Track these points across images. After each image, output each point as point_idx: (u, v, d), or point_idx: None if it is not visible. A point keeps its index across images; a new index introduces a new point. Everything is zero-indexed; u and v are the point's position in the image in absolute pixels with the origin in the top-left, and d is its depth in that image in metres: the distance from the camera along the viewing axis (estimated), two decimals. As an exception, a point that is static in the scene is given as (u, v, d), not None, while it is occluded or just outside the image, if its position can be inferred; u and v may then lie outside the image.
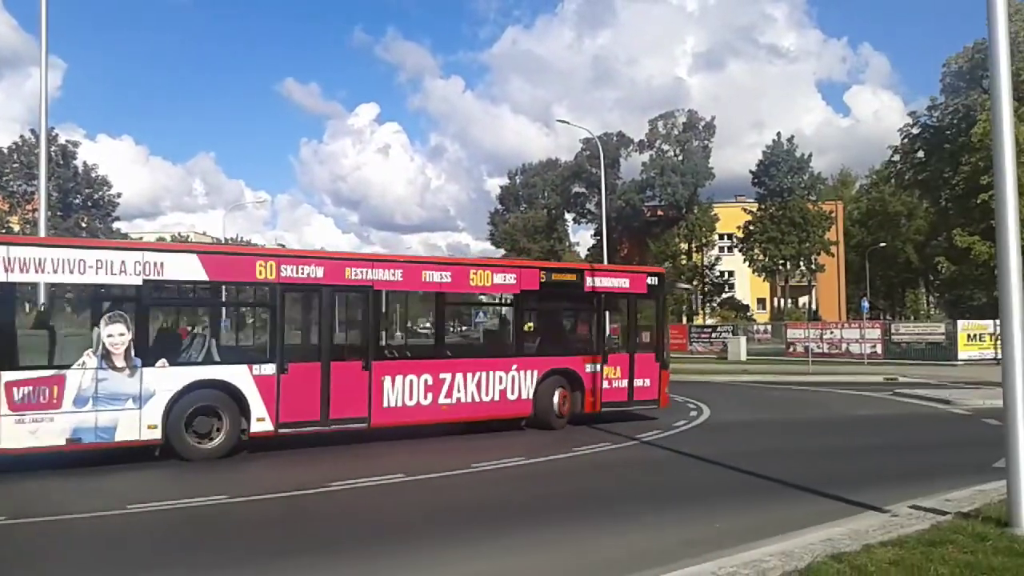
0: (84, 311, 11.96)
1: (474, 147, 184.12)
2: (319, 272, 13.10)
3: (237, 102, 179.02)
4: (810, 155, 64.81)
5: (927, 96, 74.05)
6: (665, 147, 70.81)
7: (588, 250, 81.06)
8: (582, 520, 8.61)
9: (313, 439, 13.08)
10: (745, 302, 72.38)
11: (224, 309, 13.88)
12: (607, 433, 14.96)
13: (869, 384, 27.91)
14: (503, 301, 15.97)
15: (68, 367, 10.99)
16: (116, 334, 11.30)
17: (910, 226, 74.44)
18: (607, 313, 17.02)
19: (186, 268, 12.10)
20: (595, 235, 72.58)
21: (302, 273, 12.95)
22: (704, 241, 71.39)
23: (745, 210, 66.46)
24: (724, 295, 72.68)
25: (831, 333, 42.36)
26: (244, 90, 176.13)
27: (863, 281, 72.08)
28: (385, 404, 13.59)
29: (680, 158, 69.72)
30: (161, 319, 12.43)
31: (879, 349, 39.64)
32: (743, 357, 42.66)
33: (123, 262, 11.46)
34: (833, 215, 67.60)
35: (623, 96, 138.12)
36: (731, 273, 73.72)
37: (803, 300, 73.73)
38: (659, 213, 73.35)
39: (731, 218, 68.51)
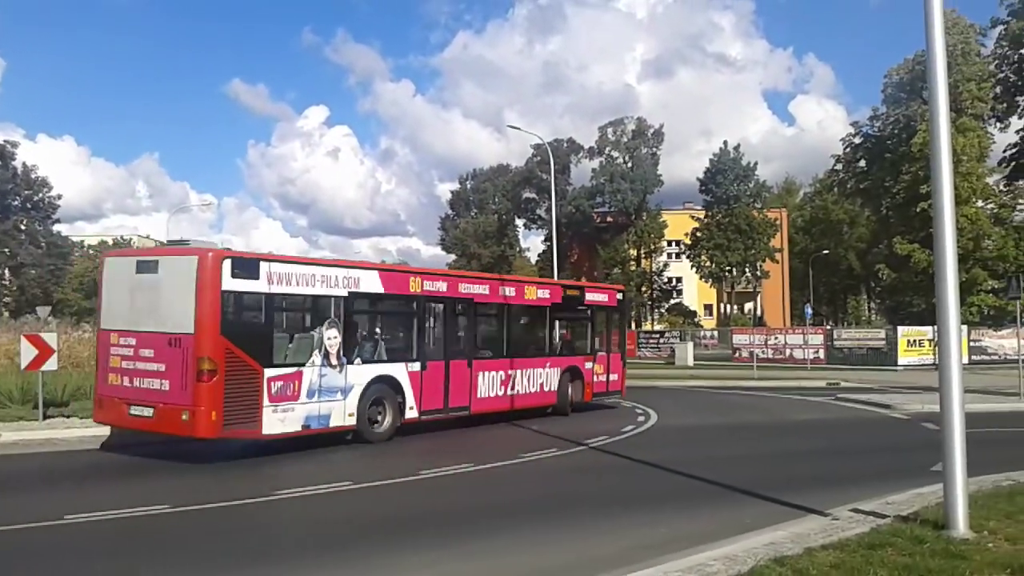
0: (309, 317, 13.73)
1: (425, 151, 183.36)
2: (443, 287, 16.06)
3: (182, 102, 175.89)
4: (756, 164, 65.98)
5: (870, 106, 75.59)
6: (615, 154, 71.32)
7: (538, 256, 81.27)
8: (529, 527, 8.59)
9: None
10: (692, 308, 73.18)
11: (388, 315, 16.04)
12: (555, 439, 14.97)
13: (812, 389, 28.37)
14: (542, 311, 19.07)
15: (303, 365, 13.11)
16: (332, 337, 13.61)
17: (852, 234, 76.07)
18: (595, 321, 20.64)
19: (371, 282, 14.61)
20: (545, 241, 72.83)
21: (435, 287, 15.84)
22: (653, 247, 72.04)
23: (693, 217, 67.29)
24: (672, 301, 73.39)
25: (775, 339, 43.03)
26: (189, 90, 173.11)
27: (807, 287, 73.39)
28: (479, 395, 16.68)
29: (629, 165, 70.29)
30: (356, 324, 14.53)
31: (822, 354, 40.37)
32: (690, 362, 43.10)
33: (337, 277, 13.84)
34: (778, 223, 68.77)
35: (574, 102, 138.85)
36: (679, 279, 74.49)
37: (749, 306, 74.81)
38: (609, 219, 73.83)
39: (679, 225, 69.26)
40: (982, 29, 51.00)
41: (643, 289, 71.57)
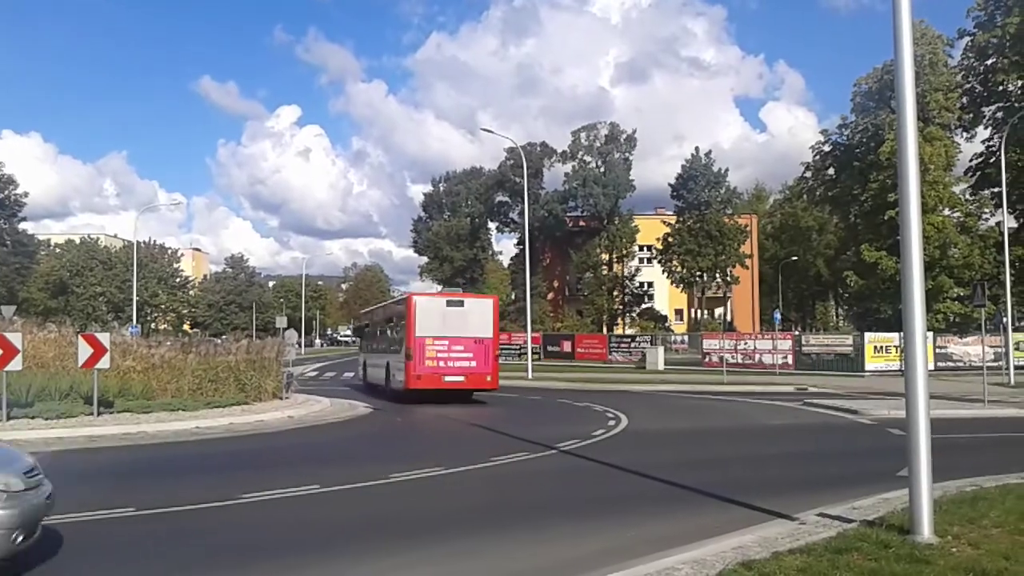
0: None
1: (397, 152, 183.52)
2: None
3: (151, 100, 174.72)
4: (727, 170, 66.45)
5: (839, 114, 76.46)
6: (587, 158, 71.61)
7: (511, 259, 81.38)
8: (498, 530, 8.57)
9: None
10: (664, 313, 73.59)
11: None
12: (525, 442, 14.98)
13: (780, 394, 28.63)
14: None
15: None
16: None
17: (821, 241, 76.91)
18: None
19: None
20: (518, 244, 72.88)
21: None
22: (624, 252, 72.35)
23: (664, 222, 67.67)
24: (643, 306, 73.72)
25: (745, 344, 43.36)
26: (158, 87, 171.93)
27: (776, 293, 74.12)
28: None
29: (602, 170, 70.58)
30: None
31: (790, 360, 40.73)
32: (661, 367, 43.33)
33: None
34: (748, 229, 69.38)
35: (547, 104, 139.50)
36: (650, 284, 74.85)
37: (719, 311, 75.32)
38: (581, 223, 74.08)
39: (651, 230, 69.63)
40: (949, 40, 51.78)
41: (615, 293, 71.84)
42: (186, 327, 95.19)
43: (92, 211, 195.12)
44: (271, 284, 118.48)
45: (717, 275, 66.90)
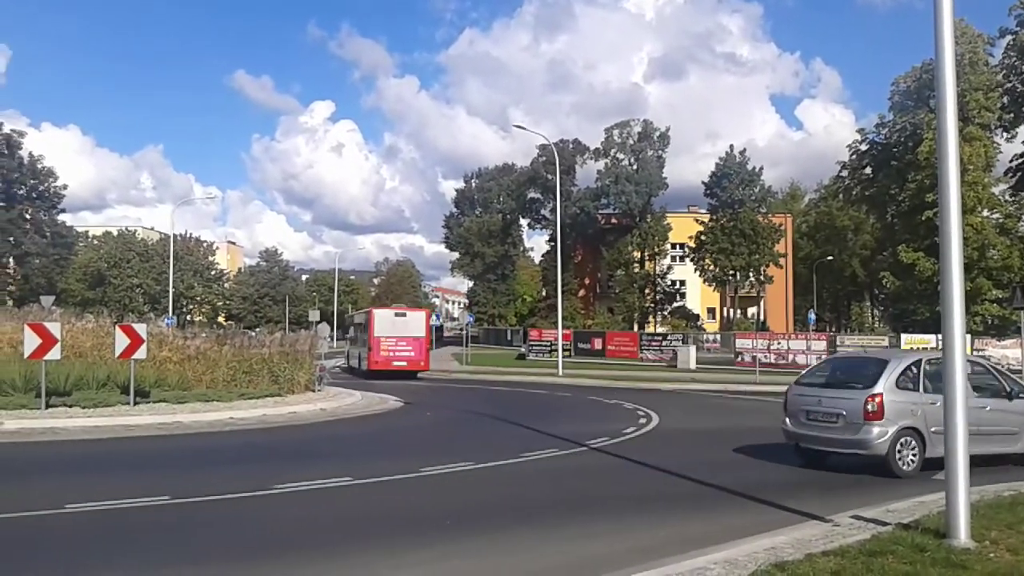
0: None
1: (429, 148, 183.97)
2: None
3: (187, 93, 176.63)
4: (761, 168, 65.72)
5: (877, 112, 75.54)
6: (620, 156, 71.21)
7: (542, 256, 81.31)
8: (528, 527, 8.59)
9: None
10: (696, 311, 73.08)
11: None
12: (555, 438, 14.98)
13: (814, 395, 28.27)
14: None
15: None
16: None
17: (857, 241, 75.92)
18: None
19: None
20: (549, 241, 72.72)
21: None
22: (656, 250, 71.89)
23: (697, 220, 67.14)
24: (675, 304, 73.28)
25: (778, 344, 42.97)
26: (194, 82, 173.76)
27: (810, 293, 73.35)
28: None
29: (635, 167, 70.20)
30: None
31: (824, 360, 40.28)
32: (692, 366, 43.07)
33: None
34: (782, 228, 68.61)
35: (580, 101, 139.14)
36: (682, 282, 74.34)
37: (752, 311, 74.68)
38: (613, 221, 73.76)
39: (684, 228, 69.14)
40: (990, 39, 50.95)
41: (646, 291, 71.49)
42: (221, 319, 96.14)
43: (129, 204, 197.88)
44: (304, 278, 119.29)
45: (750, 274, 66.23)
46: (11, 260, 67.27)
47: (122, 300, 79.80)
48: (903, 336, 39.79)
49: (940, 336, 7.41)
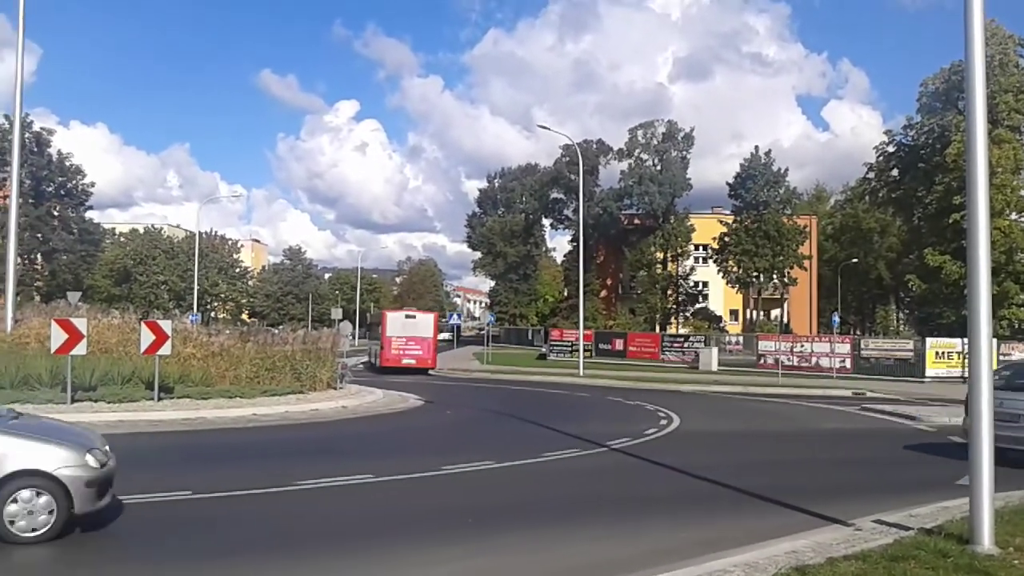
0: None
1: (452, 148, 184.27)
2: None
3: (213, 92, 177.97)
4: (786, 169, 65.30)
5: (905, 114, 74.79)
6: (644, 156, 70.98)
7: (564, 256, 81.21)
8: (548, 526, 8.59)
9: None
10: (718, 313, 72.72)
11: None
12: (576, 439, 14.97)
13: (837, 398, 28.14)
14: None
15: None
16: None
17: (883, 243, 75.18)
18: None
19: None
20: (572, 241, 72.70)
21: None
22: (680, 251, 71.63)
23: (721, 222, 66.76)
24: (697, 305, 72.97)
25: (802, 347, 42.68)
26: (220, 81, 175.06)
27: (835, 296, 72.71)
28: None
29: (658, 168, 69.96)
30: None
31: (848, 364, 39.98)
32: (714, 368, 42.85)
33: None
34: (807, 230, 68.09)
35: (604, 101, 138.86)
36: (705, 284, 74.01)
37: (775, 313, 74.20)
38: (636, 222, 73.57)
39: (707, 229, 68.80)
40: (1021, 40, 50.30)
41: (668, 293, 71.23)
42: (244, 316, 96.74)
43: (156, 201, 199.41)
44: (327, 276, 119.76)
45: (774, 276, 65.80)
46: (39, 256, 68.01)
47: (148, 297, 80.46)
48: (928, 340, 39.39)
49: (966, 340, 7.33)
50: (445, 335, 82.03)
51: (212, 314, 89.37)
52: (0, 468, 7.01)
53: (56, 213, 68.34)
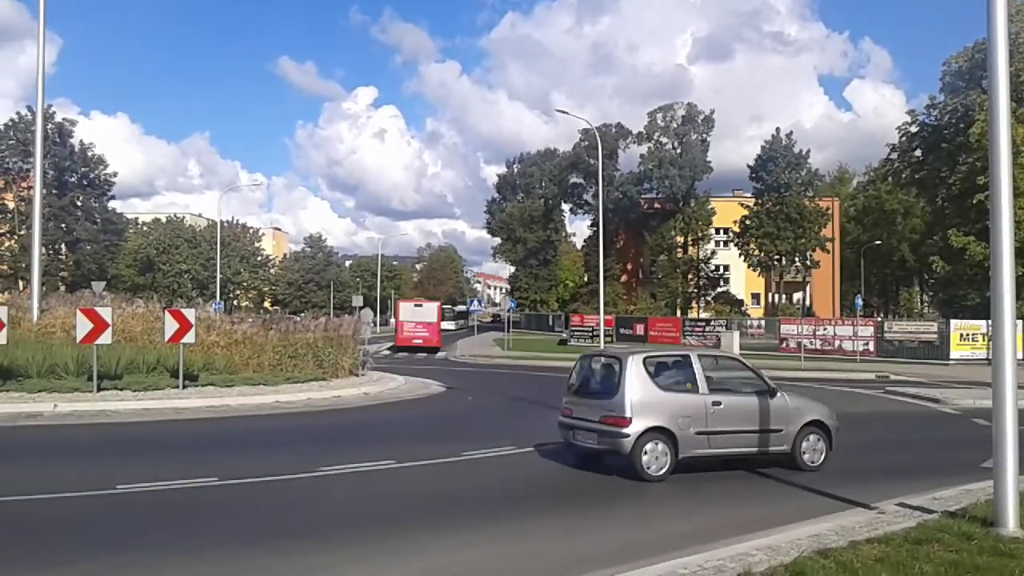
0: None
1: (470, 133, 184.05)
2: None
3: (232, 81, 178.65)
4: (808, 151, 64.78)
5: (928, 93, 73.88)
6: (663, 140, 70.62)
7: (584, 241, 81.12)
8: (569, 511, 8.65)
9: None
10: (739, 297, 72.41)
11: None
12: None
13: (861, 381, 27.99)
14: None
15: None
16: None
17: (906, 225, 74.45)
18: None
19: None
20: (592, 226, 72.59)
21: None
22: (700, 235, 71.35)
23: (742, 205, 66.33)
24: (719, 289, 72.69)
25: (824, 329, 42.45)
26: (239, 69, 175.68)
27: (857, 278, 72.19)
28: None
29: (678, 151, 69.59)
30: None
31: (872, 346, 39.73)
32: (736, 351, 42.68)
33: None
34: (829, 212, 67.55)
35: (622, 83, 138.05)
36: (726, 267, 73.74)
37: (797, 296, 73.82)
38: (656, 206, 73.30)
39: (728, 212, 68.43)
40: (1046, 17, 49.43)
41: (689, 277, 70.96)
42: (267, 304, 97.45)
43: (177, 190, 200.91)
44: (348, 263, 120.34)
45: (796, 259, 65.39)
46: (63, 246, 68.67)
47: (171, 286, 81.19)
48: (952, 322, 39.05)
49: (990, 322, 7.27)
50: (462, 321, 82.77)
51: (235, 302, 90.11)
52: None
53: (79, 203, 68.92)
